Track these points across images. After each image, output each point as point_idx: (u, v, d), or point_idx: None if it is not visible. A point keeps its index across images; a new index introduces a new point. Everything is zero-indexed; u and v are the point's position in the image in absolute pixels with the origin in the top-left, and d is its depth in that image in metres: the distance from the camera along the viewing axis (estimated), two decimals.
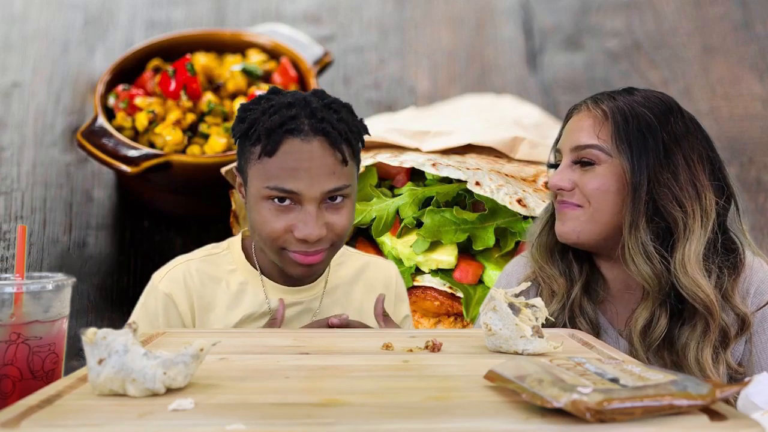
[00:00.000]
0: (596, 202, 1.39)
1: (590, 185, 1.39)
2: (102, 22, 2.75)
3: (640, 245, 1.35)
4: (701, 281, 1.33)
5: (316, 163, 1.28)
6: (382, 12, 2.90)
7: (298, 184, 1.28)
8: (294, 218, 1.31)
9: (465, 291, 1.93)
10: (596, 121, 1.41)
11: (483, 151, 2.08)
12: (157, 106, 2.18)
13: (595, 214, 1.40)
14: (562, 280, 1.46)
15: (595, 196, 1.39)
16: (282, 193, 1.29)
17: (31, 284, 1.18)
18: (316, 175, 1.28)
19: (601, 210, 1.39)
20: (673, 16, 2.91)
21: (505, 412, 0.86)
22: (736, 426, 0.81)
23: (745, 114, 2.67)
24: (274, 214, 1.31)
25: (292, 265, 1.36)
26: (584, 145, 1.41)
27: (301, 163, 1.27)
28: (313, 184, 1.28)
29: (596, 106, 1.43)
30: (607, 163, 1.39)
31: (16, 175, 2.37)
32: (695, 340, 1.35)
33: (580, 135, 1.42)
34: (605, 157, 1.39)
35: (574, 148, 1.42)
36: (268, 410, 0.87)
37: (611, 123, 1.39)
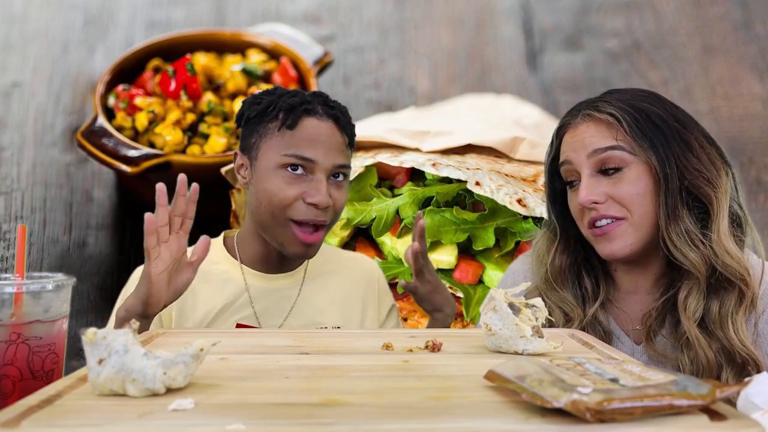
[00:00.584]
0: (638, 208, 1.36)
1: (626, 191, 1.35)
2: (102, 22, 2.75)
3: (684, 234, 1.33)
4: (737, 253, 1.34)
5: (330, 139, 1.43)
6: (382, 12, 2.90)
7: (316, 153, 1.41)
8: (306, 186, 1.42)
9: (465, 291, 1.93)
10: (607, 125, 1.38)
11: (483, 151, 2.08)
12: (157, 106, 2.18)
13: (641, 221, 1.36)
14: (577, 306, 1.44)
15: (635, 202, 1.35)
16: (300, 161, 1.41)
17: (31, 284, 1.18)
18: (329, 149, 1.42)
19: (645, 214, 1.36)
20: (673, 16, 2.91)
21: (505, 412, 0.86)
22: (736, 426, 0.81)
23: (745, 114, 2.67)
24: (288, 181, 1.42)
25: (293, 243, 1.44)
26: (604, 148, 1.36)
27: (318, 137, 1.41)
28: (327, 156, 1.42)
29: (600, 112, 1.39)
30: (633, 163, 1.36)
31: (16, 175, 2.37)
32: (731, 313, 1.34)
33: (594, 141, 1.37)
34: (630, 157, 1.36)
35: (593, 153, 1.37)
36: (268, 410, 0.87)
37: (624, 123, 1.36)
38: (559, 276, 1.46)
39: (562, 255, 1.46)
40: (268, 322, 1.50)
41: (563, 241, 1.47)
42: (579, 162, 1.39)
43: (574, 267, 1.46)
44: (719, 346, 1.34)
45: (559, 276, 1.46)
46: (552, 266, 1.47)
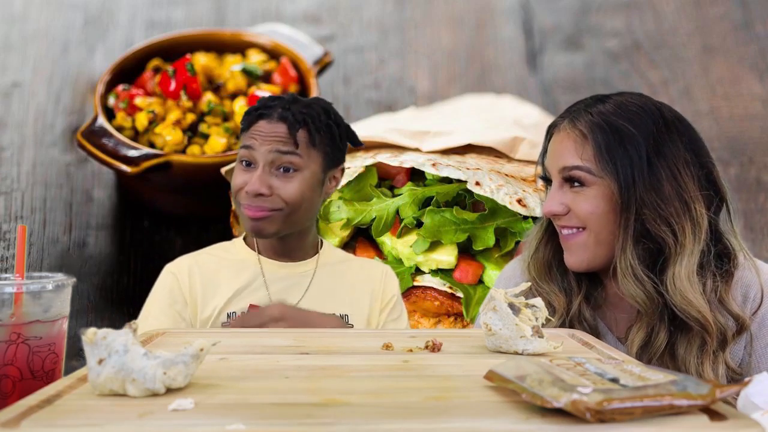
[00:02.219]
0: (593, 225, 1.36)
1: (583, 209, 1.36)
2: (102, 22, 2.75)
3: (628, 268, 1.32)
4: (692, 298, 1.30)
5: (273, 135, 1.55)
6: (382, 12, 2.90)
7: (255, 144, 1.55)
8: (249, 177, 1.55)
9: (465, 291, 1.93)
10: (576, 142, 1.37)
11: (483, 151, 2.08)
12: (157, 106, 2.18)
13: (598, 237, 1.37)
14: (561, 297, 1.44)
15: (590, 219, 1.36)
16: (245, 154, 1.56)
17: (31, 284, 1.18)
18: (269, 142, 1.55)
19: (601, 231, 1.36)
20: (673, 16, 2.91)
21: (505, 412, 0.86)
22: (736, 426, 0.81)
23: (745, 114, 2.67)
24: (240, 173, 1.57)
25: (245, 219, 1.57)
26: (570, 167, 1.37)
27: (261, 134, 1.56)
28: (263, 147, 1.54)
29: (573, 127, 1.38)
30: (596, 184, 1.35)
31: (16, 175, 2.37)
32: (694, 354, 1.33)
33: (563, 156, 1.38)
34: (592, 178, 1.35)
35: (561, 170, 1.38)
36: (268, 410, 0.87)
37: (591, 142, 1.35)
38: (543, 267, 1.47)
39: (546, 247, 1.47)
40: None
41: (549, 234, 1.47)
42: (552, 172, 1.42)
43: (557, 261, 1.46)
44: None
45: (543, 267, 1.47)
46: (535, 256, 1.48)
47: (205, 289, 1.58)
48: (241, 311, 1.55)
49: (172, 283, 1.59)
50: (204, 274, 1.60)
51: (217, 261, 1.63)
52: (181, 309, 1.57)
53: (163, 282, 1.61)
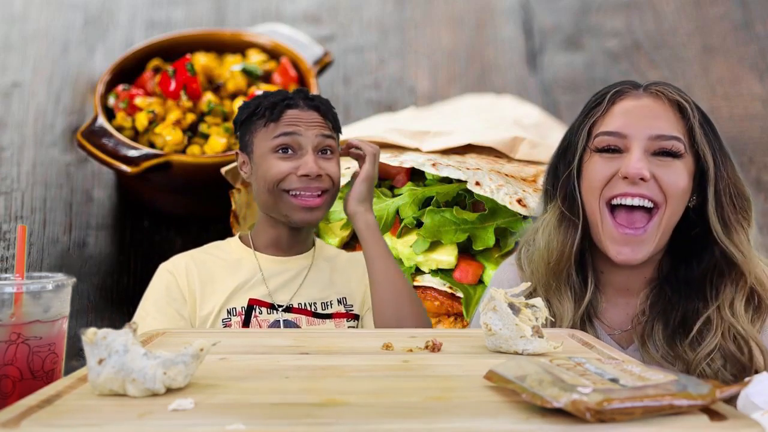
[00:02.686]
0: (674, 200, 1.31)
1: (673, 181, 1.30)
2: (102, 22, 2.75)
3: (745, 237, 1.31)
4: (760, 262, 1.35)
5: (313, 121, 1.60)
6: (382, 12, 2.90)
7: (300, 130, 1.58)
8: (296, 162, 1.57)
9: (465, 291, 1.93)
10: (672, 110, 1.33)
11: (483, 151, 2.08)
12: (157, 106, 2.18)
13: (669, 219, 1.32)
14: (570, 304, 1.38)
15: (675, 193, 1.31)
16: (287, 140, 1.57)
17: (31, 284, 1.18)
18: (312, 127, 1.59)
19: (676, 209, 1.32)
20: (673, 16, 2.91)
21: (505, 412, 0.86)
22: (736, 426, 0.81)
23: (745, 114, 2.67)
24: (280, 160, 1.58)
25: (295, 210, 1.58)
26: (669, 135, 1.31)
27: (301, 121, 1.59)
28: (310, 132, 1.58)
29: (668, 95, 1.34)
30: (684, 159, 1.32)
31: (16, 175, 2.37)
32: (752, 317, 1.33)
33: (659, 123, 1.32)
34: (684, 152, 1.32)
35: (655, 137, 1.31)
36: (268, 410, 0.87)
37: (693, 117, 1.32)
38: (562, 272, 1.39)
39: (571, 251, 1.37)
40: (279, 298, 1.61)
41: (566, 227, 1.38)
42: (634, 135, 1.32)
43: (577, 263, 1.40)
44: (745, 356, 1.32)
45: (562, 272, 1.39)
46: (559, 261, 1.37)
47: (203, 287, 1.59)
48: (241, 307, 1.57)
49: (169, 282, 1.60)
50: (201, 272, 1.61)
51: (214, 259, 1.64)
52: (179, 307, 1.57)
53: (160, 281, 1.61)
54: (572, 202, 1.38)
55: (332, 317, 1.61)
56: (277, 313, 1.58)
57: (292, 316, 1.59)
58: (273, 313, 1.59)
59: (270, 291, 1.61)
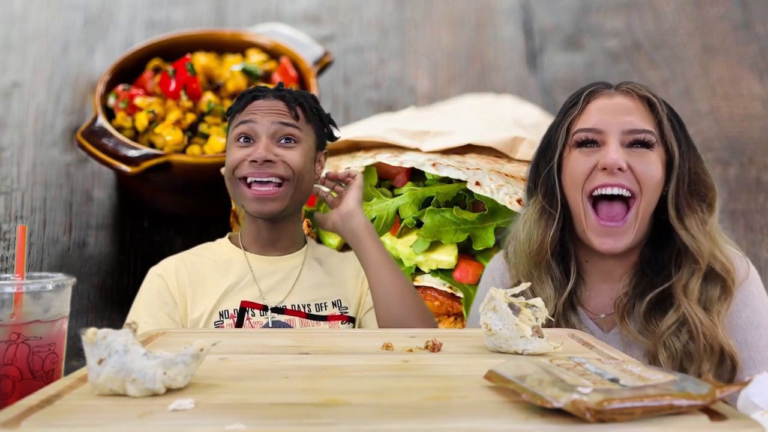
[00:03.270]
0: (649, 188, 1.40)
1: (647, 170, 1.40)
2: (102, 22, 2.75)
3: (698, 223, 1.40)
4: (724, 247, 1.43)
5: (272, 109, 1.59)
6: (382, 12, 2.90)
7: (255, 118, 1.58)
8: (251, 150, 1.57)
9: (465, 291, 1.93)
10: (642, 107, 1.44)
11: (483, 151, 2.08)
12: (157, 106, 2.18)
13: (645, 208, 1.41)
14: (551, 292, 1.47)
15: (650, 182, 1.40)
16: (244, 129, 1.58)
17: (31, 284, 1.18)
18: (268, 116, 1.58)
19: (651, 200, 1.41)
20: (673, 16, 2.91)
21: (505, 412, 0.86)
22: (736, 426, 0.81)
23: (745, 114, 2.67)
24: (239, 149, 1.58)
25: (248, 200, 1.57)
26: (641, 129, 1.41)
27: (260, 109, 1.59)
28: (264, 120, 1.58)
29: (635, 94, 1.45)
30: (656, 150, 1.42)
31: (16, 175, 2.37)
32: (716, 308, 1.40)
33: (631, 118, 1.42)
34: (655, 144, 1.42)
35: (629, 131, 1.41)
36: (268, 410, 0.87)
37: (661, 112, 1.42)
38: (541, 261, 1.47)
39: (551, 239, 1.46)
40: (272, 300, 1.59)
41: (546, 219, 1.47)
42: (610, 130, 1.41)
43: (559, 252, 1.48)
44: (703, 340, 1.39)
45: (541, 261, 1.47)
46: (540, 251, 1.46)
47: (194, 290, 1.58)
48: (234, 309, 1.56)
49: (160, 286, 1.58)
50: (191, 275, 1.60)
51: (204, 261, 1.63)
52: (171, 311, 1.56)
53: (151, 285, 1.60)
54: (552, 197, 1.48)
55: (327, 319, 1.60)
56: (269, 315, 1.57)
57: (285, 317, 1.57)
58: (266, 314, 1.57)
59: (262, 292, 1.59)
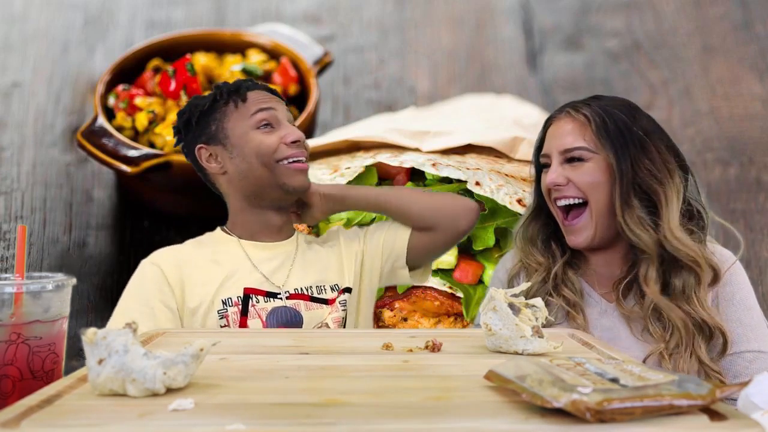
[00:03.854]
0: (593, 194, 1.58)
1: (583, 179, 1.58)
2: (102, 22, 2.75)
3: (636, 219, 1.55)
4: (685, 239, 1.55)
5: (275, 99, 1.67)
6: (382, 12, 2.90)
7: (272, 107, 1.64)
8: (280, 132, 1.62)
9: (465, 291, 1.93)
10: (579, 124, 1.60)
11: (483, 151, 2.08)
12: (157, 106, 2.18)
13: (597, 207, 1.58)
14: (543, 259, 1.64)
15: (590, 188, 1.58)
16: (266, 116, 1.62)
17: (31, 284, 1.18)
18: (280, 104, 1.66)
19: (599, 200, 1.57)
20: (673, 16, 2.91)
21: (505, 412, 0.86)
22: (736, 426, 0.81)
23: (745, 114, 2.67)
24: (266, 134, 1.61)
25: (293, 175, 1.61)
26: (572, 148, 1.59)
27: (267, 100, 1.65)
28: (280, 107, 1.66)
29: (576, 113, 1.62)
30: (593, 159, 1.58)
31: (16, 175, 2.37)
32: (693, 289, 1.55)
33: (566, 139, 1.60)
34: (590, 154, 1.58)
35: (563, 151, 1.59)
36: (268, 410, 0.87)
37: (593, 125, 1.59)
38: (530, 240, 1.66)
39: (535, 224, 1.67)
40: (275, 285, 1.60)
41: (536, 212, 1.67)
42: (552, 153, 1.61)
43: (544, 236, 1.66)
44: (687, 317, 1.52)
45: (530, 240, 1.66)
46: (525, 233, 1.67)
47: (191, 277, 1.57)
48: (237, 297, 1.56)
49: (154, 274, 1.57)
50: (188, 262, 1.59)
51: (198, 250, 1.63)
52: (166, 299, 1.55)
53: (143, 275, 1.58)
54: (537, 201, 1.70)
55: (328, 303, 1.60)
56: (274, 301, 1.57)
57: (290, 302, 1.58)
58: (270, 300, 1.57)
59: (266, 277, 1.60)
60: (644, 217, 1.55)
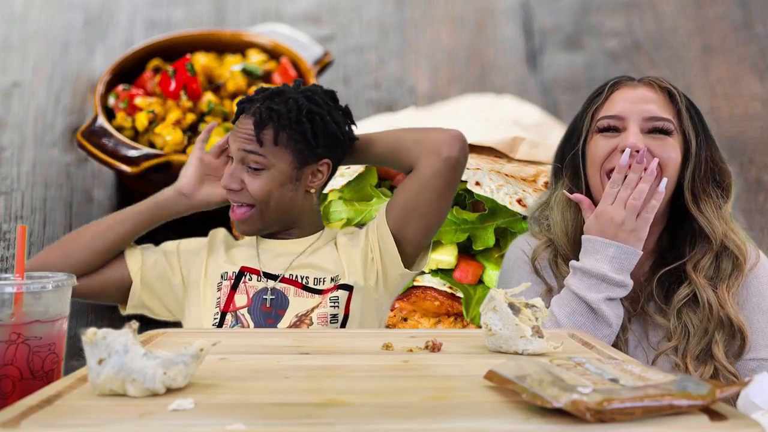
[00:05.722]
0: (670, 171, 1.51)
1: (667, 153, 1.51)
2: (102, 22, 2.75)
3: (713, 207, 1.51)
4: (738, 230, 1.54)
5: (245, 132, 1.59)
6: (382, 12, 2.90)
7: (231, 139, 1.61)
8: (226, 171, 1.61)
9: (465, 291, 1.93)
10: (663, 97, 1.55)
11: (483, 151, 2.08)
12: (157, 106, 2.18)
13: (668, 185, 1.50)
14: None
15: (669, 165, 1.51)
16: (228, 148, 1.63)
17: (31, 284, 1.18)
18: (240, 140, 1.59)
19: (671, 180, 1.51)
20: (673, 16, 2.91)
21: (505, 412, 0.86)
22: (736, 426, 0.81)
23: (745, 114, 2.67)
24: (226, 167, 1.64)
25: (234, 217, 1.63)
26: (659, 117, 1.52)
27: (236, 132, 1.60)
28: (236, 145, 1.59)
29: (658, 86, 1.56)
30: (675, 136, 1.53)
31: (16, 175, 2.37)
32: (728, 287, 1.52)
33: (650, 106, 1.53)
34: (674, 130, 1.53)
35: (648, 118, 1.52)
36: (268, 410, 0.87)
37: (680, 102, 1.54)
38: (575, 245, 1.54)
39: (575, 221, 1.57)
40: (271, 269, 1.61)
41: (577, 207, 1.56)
42: (630, 116, 1.53)
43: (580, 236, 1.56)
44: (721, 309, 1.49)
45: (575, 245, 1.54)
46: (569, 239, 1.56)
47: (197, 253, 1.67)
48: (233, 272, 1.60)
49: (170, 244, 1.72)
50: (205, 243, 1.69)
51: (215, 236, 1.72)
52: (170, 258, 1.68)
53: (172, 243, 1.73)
54: (577, 180, 1.59)
55: (322, 293, 1.59)
56: (267, 282, 1.59)
57: (281, 285, 1.58)
58: (263, 280, 1.59)
59: (263, 262, 1.62)
60: (720, 205, 1.52)
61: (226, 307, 1.57)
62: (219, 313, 1.57)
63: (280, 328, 1.55)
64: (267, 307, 1.57)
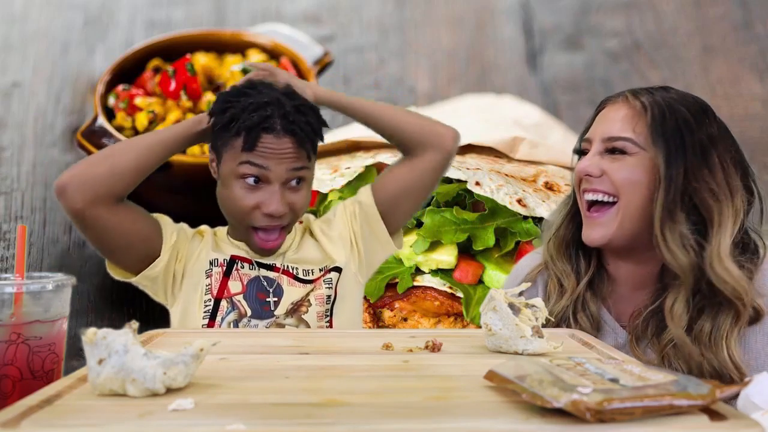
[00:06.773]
0: (626, 193, 1.39)
1: (620, 174, 1.40)
2: (102, 22, 2.75)
3: (677, 236, 1.36)
4: (734, 270, 1.35)
5: (286, 153, 1.48)
6: (382, 12, 2.90)
7: (269, 164, 1.47)
8: (261, 196, 1.48)
9: (465, 291, 1.93)
10: (634, 112, 1.42)
11: (483, 151, 2.08)
12: (157, 106, 2.18)
13: (627, 209, 1.39)
14: (573, 278, 1.47)
15: (624, 186, 1.40)
16: (253, 170, 1.47)
17: (31, 284, 1.18)
18: (283, 160, 1.47)
19: (632, 201, 1.39)
20: (673, 16, 2.91)
21: (505, 412, 0.86)
22: (736, 426, 0.81)
23: (745, 114, 2.67)
24: (246, 191, 1.49)
25: (256, 247, 1.53)
26: (617, 137, 1.41)
27: (273, 152, 1.47)
28: (280, 166, 1.47)
29: (635, 98, 1.43)
30: (638, 155, 1.40)
31: (16, 175, 2.37)
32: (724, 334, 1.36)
33: (613, 126, 1.43)
34: (636, 149, 1.40)
35: (607, 139, 1.42)
36: (268, 410, 0.87)
37: (649, 116, 1.40)
38: (561, 246, 1.49)
39: (568, 226, 1.50)
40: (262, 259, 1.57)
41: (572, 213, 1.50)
42: (595, 139, 1.44)
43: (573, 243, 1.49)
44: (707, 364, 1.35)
45: (561, 246, 1.49)
46: (556, 234, 1.50)
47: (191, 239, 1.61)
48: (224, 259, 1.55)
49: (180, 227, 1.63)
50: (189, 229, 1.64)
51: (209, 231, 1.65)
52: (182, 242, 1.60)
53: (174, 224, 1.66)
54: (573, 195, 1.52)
55: (313, 282, 1.57)
56: (259, 270, 1.55)
57: (273, 274, 1.55)
58: (255, 269, 1.55)
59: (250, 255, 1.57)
60: (687, 236, 1.35)
61: (219, 293, 1.55)
62: (212, 300, 1.55)
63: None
64: (263, 294, 1.56)
